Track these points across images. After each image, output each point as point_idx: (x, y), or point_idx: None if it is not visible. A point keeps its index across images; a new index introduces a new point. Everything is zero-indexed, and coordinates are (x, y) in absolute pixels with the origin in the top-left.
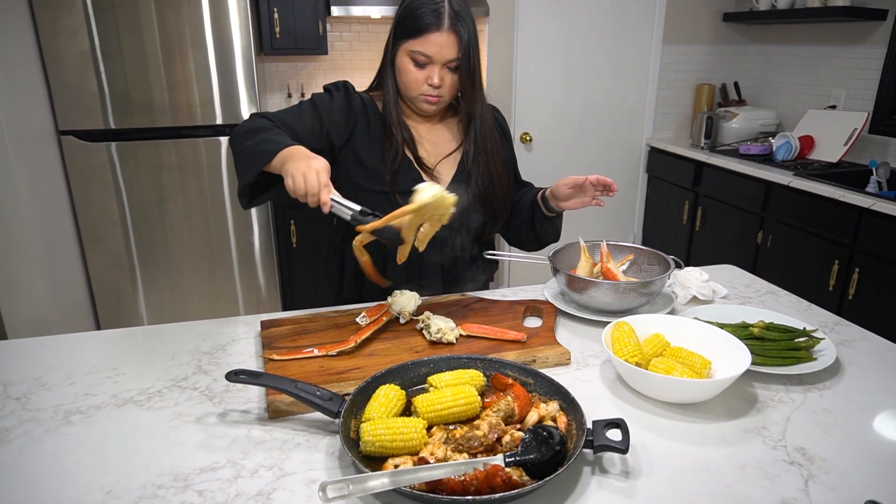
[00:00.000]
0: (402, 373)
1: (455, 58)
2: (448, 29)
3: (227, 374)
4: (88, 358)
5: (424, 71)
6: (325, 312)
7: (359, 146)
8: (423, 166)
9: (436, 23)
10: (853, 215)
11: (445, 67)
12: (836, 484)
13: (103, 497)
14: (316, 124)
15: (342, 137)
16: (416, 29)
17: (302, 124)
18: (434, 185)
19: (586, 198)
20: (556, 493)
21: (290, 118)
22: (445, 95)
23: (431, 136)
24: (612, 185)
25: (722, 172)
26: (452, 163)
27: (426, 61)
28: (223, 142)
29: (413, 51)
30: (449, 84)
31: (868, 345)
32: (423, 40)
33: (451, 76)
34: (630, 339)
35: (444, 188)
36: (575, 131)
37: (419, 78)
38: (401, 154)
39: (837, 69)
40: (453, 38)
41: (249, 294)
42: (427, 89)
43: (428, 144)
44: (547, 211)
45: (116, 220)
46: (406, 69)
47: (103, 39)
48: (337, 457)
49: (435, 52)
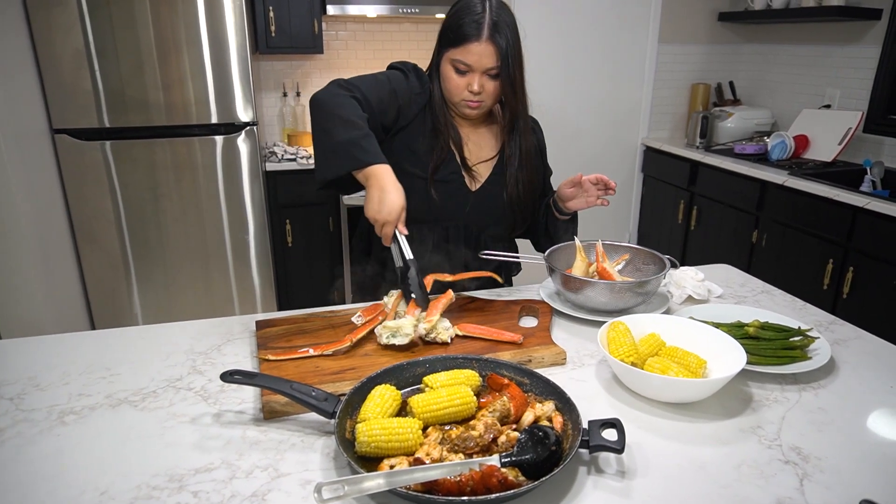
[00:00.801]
0: (398, 373)
1: (494, 66)
2: (487, 39)
3: (221, 375)
4: (83, 358)
5: (465, 78)
6: (321, 312)
7: (414, 132)
8: (464, 164)
9: (475, 34)
10: (847, 214)
11: (485, 75)
12: (831, 483)
13: (98, 498)
14: (392, 103)
15: (407, 119)
16: (457, 39)
17: (380, 103)
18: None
19: (591, 198)
20: (552, 494)
21: (370, 93)
22: (486, 101)
23: (475, 138)
24: (610, 183)
25: (717, 172)
26: (490, 165)
27: (466, 69)
28: (218, 141)
29: (455, 59)
30: (489, 91)
31: (863, 344)
32: (463, 50)
33: (491, 83)
34: (626, 339)
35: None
36: (571, 130)
37: (460, 85)
38: (447, 149)
39: (832, 69)
40: (491, 48)
41: (245, 293)
42: (468, 95)
43: (472, 146)
44: (558, 214)
45: (111, 220)
46: (448, 76)
47: (98, 37)
48: (332, 457)
49: (474, 61)
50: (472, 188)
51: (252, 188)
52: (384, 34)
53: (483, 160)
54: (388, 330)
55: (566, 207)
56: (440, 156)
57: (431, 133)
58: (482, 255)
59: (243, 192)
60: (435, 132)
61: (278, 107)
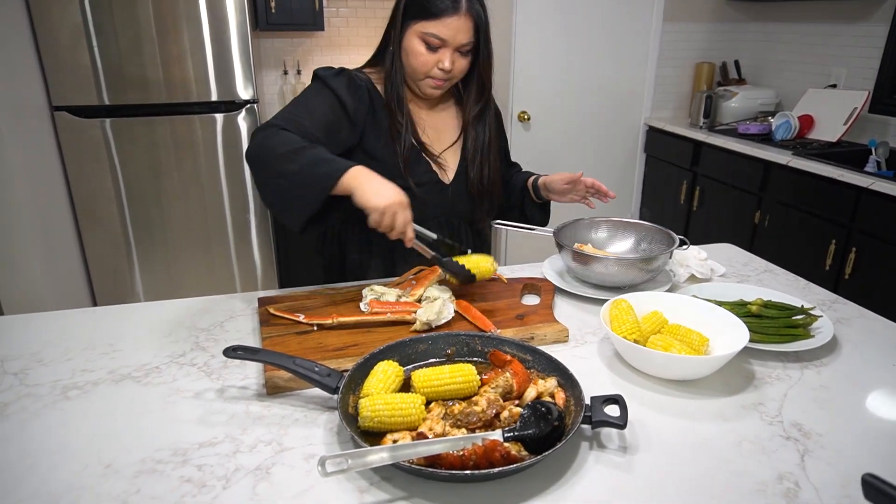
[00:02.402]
0: (401, 349)
1: (469, 42)
2: (465, 12)
3: (224, 350)
4: (86, 334)
5: (436, 54)
6: (324, 290)
7: (369, 138)
8: (429, 154)
9: (452, 6)
10: (851, 195)
11: (457, 52)
12: (831, 459)
13: (102, 471)
14: (342, 118)
15: (360, 128)
16: (431, 11)
17: (328, 126)
18: (485, 258)
19: (577, 195)
20: (554, 468)
21: (311, 120)
22: (453, 80)
23: (432, 122)
24: (609, 194)
25: (720, 152)
26: (456, 150)
27: (439, 44)
28: (219, 119)
29: (426, 33)
30: (460, 68)
31: (865, 322)
32: (437, 23)
33: (462, 60)
34: (628, 317)
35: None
36: (573, 110)
37: (429, 61)
38: (409, 142)
39: (839, 47)
40: (470, 22)
41: (246, 272)
42: (436, 73)
43: (430, 130)
44: (536, 198)
45: (112, 198)
46: (416, 51)
47: (96, 12)
48: (335, 432)
49: (450, 35)
50: (446, 181)
51: None
52: (385, 11)
53: (446, 147)
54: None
55: (551, 198)
56: (404, 148)
57: (387, 126)
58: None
59: (244, 170)
60: (391, 121)
61: (279, 85)
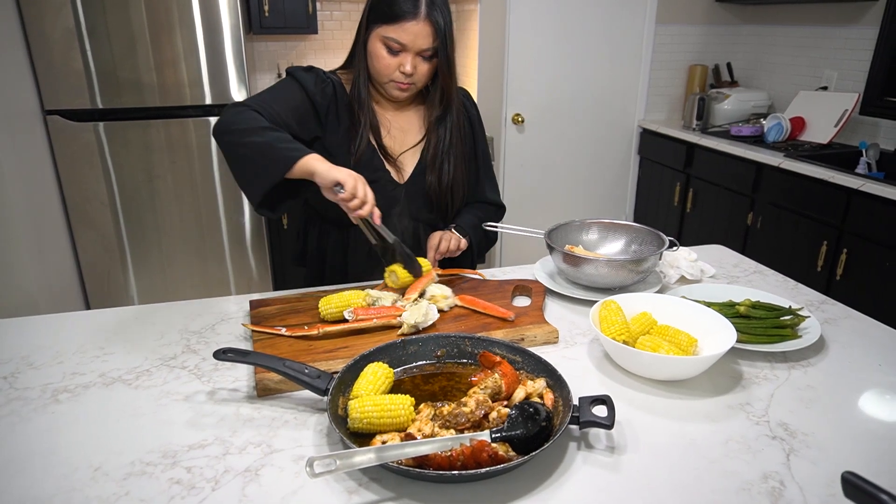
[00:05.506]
0: (391, 351)
1: (430, 47)
2: (424, 18)
3: (215, 353)
4: (76, 337)
5: (397, 58)
6: (314, 292)
7: (328, 133)
8: (386, 155)
9: (412, 11)
10: (842, 196)
11: (419, 56)
12: (816, 458)
13: (92, 474)
14: (307, 109)
15: (324, 123)
16: (391, 15)
17: (295, 111)
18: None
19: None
20: (542, 468)
21: (279, 105)
22: (417, 84)
23: (398, 123)
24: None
25: (713, 154)
26: (417, 151)
27: (400, 49)
28: (213, 122)
29: (387, 37)
30: (422, 72)
31: (852, 323)
32: (397, 28)
33: (425, 65)
34: (617, 318)
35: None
36: (567, 112)
37: (391, 65)
38: (365, 140)
39: (830, 50)
40: (429, 28)
41: (240, 276)
42: (399, 76)
43: (395, 132)
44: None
45: (105, 202)
46: (378, 55)
47: (88, 16)
48: (325, 434)
49: (409, 40)
50: (399, 181)
51: None
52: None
53: (407, 148)
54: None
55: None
56: (359, 148)
57: (347, 125)
58: (485, 227)
59: None
60: (351, 120)
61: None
